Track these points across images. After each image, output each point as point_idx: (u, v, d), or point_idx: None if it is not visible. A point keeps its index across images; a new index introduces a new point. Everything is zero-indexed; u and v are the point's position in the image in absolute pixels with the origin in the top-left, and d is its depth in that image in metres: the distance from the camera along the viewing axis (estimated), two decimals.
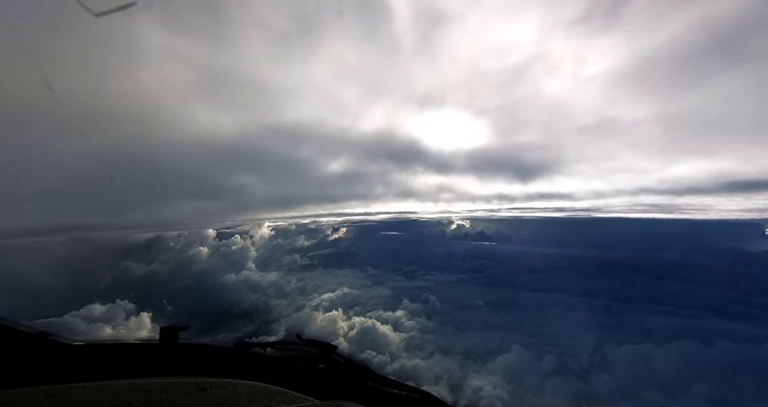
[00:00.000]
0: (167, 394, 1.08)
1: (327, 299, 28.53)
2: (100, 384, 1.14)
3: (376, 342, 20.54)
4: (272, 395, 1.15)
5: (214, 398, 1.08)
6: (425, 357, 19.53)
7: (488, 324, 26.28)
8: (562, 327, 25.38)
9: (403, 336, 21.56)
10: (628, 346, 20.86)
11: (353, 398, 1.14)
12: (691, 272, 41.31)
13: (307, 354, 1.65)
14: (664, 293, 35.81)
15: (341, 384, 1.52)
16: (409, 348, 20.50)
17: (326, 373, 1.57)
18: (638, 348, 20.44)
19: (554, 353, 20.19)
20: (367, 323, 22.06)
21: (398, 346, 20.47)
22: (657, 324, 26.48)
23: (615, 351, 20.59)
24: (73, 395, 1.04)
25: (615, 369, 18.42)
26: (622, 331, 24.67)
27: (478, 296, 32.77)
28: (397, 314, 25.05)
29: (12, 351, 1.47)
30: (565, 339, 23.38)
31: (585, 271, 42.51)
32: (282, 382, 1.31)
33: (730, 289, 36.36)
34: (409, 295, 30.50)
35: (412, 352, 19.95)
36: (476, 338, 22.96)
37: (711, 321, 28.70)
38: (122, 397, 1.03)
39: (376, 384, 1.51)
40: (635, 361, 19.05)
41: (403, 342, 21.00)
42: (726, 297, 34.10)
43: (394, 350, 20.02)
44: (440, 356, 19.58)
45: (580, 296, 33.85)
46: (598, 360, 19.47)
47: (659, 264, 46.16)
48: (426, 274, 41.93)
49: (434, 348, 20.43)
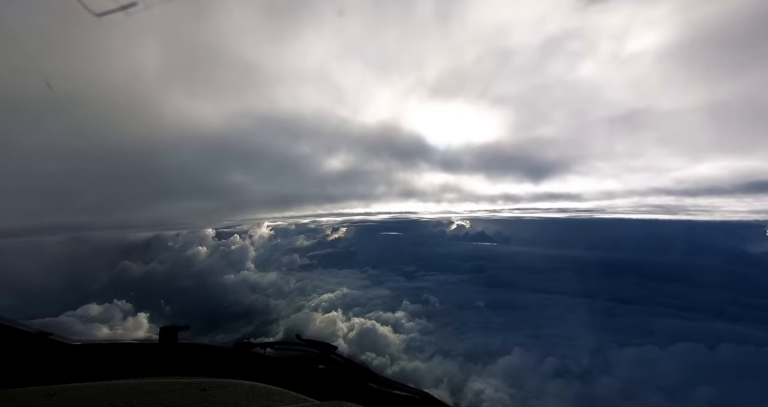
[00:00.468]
0: (167, 394, 1.08)
1: (326, 299, 28.32)
2: (100, 384, 1.15)
3: (375, 343, 20.32)
4: (272, 395, 1.16)
5: (213, 398, 1.09)
6: (426, 359, 19.33)
7: (488, 325, 26.18)
8: (563, 329, 25.26)
9: (404, 337, 21.35)
10: (630, 348, 20.71)
11: (353, 398, 1.14)
12: (691, 273, 41.24)
13: (307, 354, 1.66)
14: (665, 295, 35.80)
15: (341, 385, 1.53)
16: (410, 349, 20.29)
17: (326, 373, 1.57)
18: (640, 350, 20.28)
19: (555, 355, 20.03)
20: (367, 324, 21.84)
21: (398, 348, 20.26)
22: (659, 326, 26.38)
23: (617, 353, 20.43)
24: (73, 395, 1.04)
25: (617, 371, 18.24)
26: (624, 333, 24.56)
27: (478, 296, 32.70)
28: (397, 315, 24.84)
29: (12, 350, 1.48)
30: (567, 341, 23.26)
31: (585, 272, 42.43)
32: (282, 382, 1.32)
33: (731, 291, 36.29)
34: (409, 296, 30.35)
35: (413, 354, 19.74)
36: (477, 339, 22.83)
37: (713, 322, 28.59)
38: (122, 397, 1.04)
39: (375, 385, 1.50)
40: (637, 363, 18.86)
41: (403, 343, 20.79)
42: (727, 299, 34.08)
43: (394, 352, 19.80)
44: (441, 358, 19.38)
45: (581, 298, 33.86)
46: (600, 362, 19.31)
47: (660, 266, 46.13)
48: (426, 274, 41.83)
49: (435, 349, 20.23)
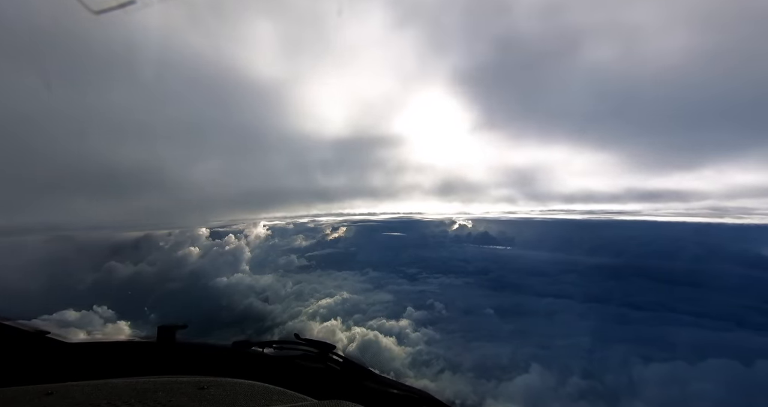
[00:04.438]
0: (165, 393, 1.07)
1: (325, 305, 26.57)
2: (98, 383, 1.14)
3: (378, 357, 18.57)
4: (270, 394, 1.15)
5: (211, 397, 1.08)
6: (434, 375, 17.56)
7: (497, 333, 24.67)
8: (577, 339, 23.68)
9: (409, 350, 19.57)
10: (657, 364, 18.99)
11: (351, 397, 1.12)
12: (705, 277, 39.81)
13: (306, 353, 1.64)
14: (679, 301, 34.24)
15: (339, 384, 1.50)
16: (416, 364, 18.51)
17: (324, 372, 1.55)
18: (669, 367, 18.55)
19: (575, 371, 18.31)
20: (369, 335, 20.05)
21: (403, 362, 18.49)
22: (680, 337, 24.72)
23: (643, 370, 18.70)
24: (71, 393, 1.04)
25: (647, 392, 16.48)
26: (645, 344, 22.97)
27: (484, 301, 31.31)
28: (401, 323, 23.07)
29: (10, 349, 1.47)
30: (584, 353, 21.67)
31: (592, 275, 41.26)
32: (280, 381, 1.29)
33: (749, 296, 34.84)
34: (413, 301, 28.71)
35: (419, 369, 17.98)
36: (486, 350, 21.23)
37: (737, 333, 26.98)
38: (120, 396, 1.03)
39: (374, 384, 1.48)
40: (668, 383, 17.12)
41: (408, 357, 19.02)
42: (745, 305, 32.61)
43: (399, 367, 18.03)
44: (450, 374, 17.63)
45: (591, 303, 32.45)
46: (626, 381, 17.57)
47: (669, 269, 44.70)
48: (429, 277, 40.43)
49: (443, 364, 18.48)
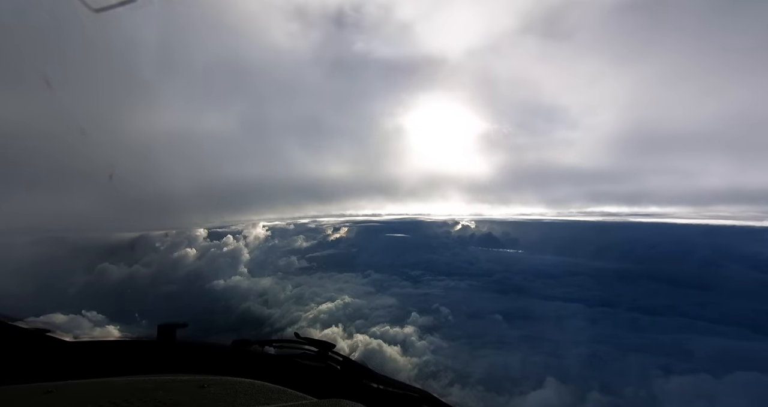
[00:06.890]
0: (165, 391, 1.06)
1: (326, 310, 25.46)
2: (98, 381, 1.13)
3: (383, 368, 17.36)
4: (270, 393, 1.14)
5: (211, 395, 1.06)
6: (442, 389, 16.41)
7: (505, 340, 23.59)
8: (589, 347, 22.58)
9: (415, 361, 18.43)
10: (679, 377, 17.83)
11: (351, 396, 1.10)
12: (716, 281, 38.74)
13: (306, 352, 1.63)
14: (691, 305, 33.12)
15: (339, 383, 1.49)
16: (422, 376, 17.38)
17: (324, 371, 1.54)
18: (692, 380, 17.39)
19: (594, 385, 17.16)
20: (372, 344, 18.93)
21: (409, 375, 17.36)
22: (698, 345, 23.56)
23: (664, 383, 17.55)
24: (71, 392, 1.03)
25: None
26: (661, 353, 21.90)
27: (490, 305, 30.23)
28: (406, 330, 21.94)
29: (10, 347, 1.48)
30: (599, 363, 20.60)
31: (600, 278, 40.28)
32: (280, 380, 1.28)
33: (758, 300, 33.78)
34: (418, 305, 27.58)
35: (426, 382, 16.83)
36: (495, 359, 20.12)
37: (756, 341, 25.82)
38: (120, 394, 1.02)
39: (374, 383, 1.46)
40: (694, 399, 15.96)
41: (414, 368, 17.90)
42: (756, 309, 31.54)
43: (405, 379, 16.79)
44: (459, 387, 16.50)
45: (600, 307, 31.49)
46: (648, 397, 16.42)
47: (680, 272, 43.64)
48: (432, 279, 39.33)
49: (452, 376, 17.35)
